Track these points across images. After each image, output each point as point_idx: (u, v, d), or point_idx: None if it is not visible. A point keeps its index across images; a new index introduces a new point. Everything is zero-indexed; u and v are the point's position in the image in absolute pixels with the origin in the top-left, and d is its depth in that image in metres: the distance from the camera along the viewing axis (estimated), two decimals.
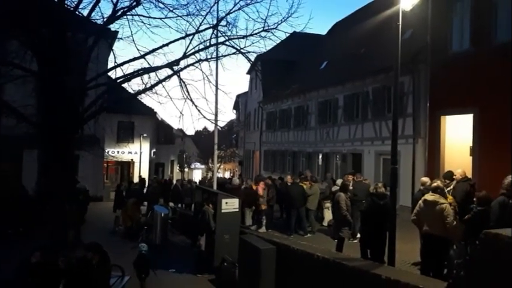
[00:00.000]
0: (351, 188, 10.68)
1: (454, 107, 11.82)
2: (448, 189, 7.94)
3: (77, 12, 8.61)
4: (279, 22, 8.94)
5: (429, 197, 6.56)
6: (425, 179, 8.44)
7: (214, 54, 9.99)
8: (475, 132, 11.14)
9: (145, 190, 18.80)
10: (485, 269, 3.44)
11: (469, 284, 3.60)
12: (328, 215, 12.88)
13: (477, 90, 10.90)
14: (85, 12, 8.78)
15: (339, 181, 12.20)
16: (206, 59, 9.37)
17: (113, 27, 9.92)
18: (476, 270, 3.56)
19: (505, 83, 10.03)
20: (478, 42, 11.17)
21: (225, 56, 9.82)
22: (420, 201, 6.74)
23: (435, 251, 6.41)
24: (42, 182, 8.49)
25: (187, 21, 10.22)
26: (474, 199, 6.58)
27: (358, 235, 9.40)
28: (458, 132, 12.04)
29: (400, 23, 7.05)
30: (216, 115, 11.79)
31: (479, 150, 10.90)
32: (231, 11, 9.24)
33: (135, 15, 8.91)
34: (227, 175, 46.55)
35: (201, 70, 9.16)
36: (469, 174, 9.87)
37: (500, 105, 10.20)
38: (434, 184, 7.03)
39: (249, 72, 32.82)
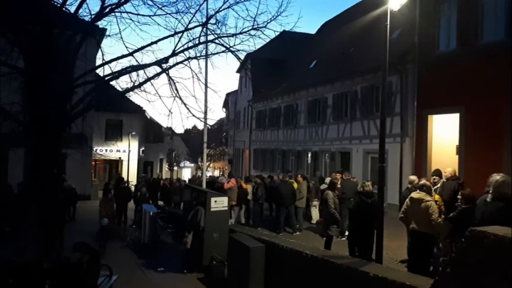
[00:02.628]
0: (339, 186, 10.76)
1: (441, 106, 11.98)
2: (436, 187, 8.05)
3: (63, 8, 8.49)
4: (269, 21, 8.92)
5: (415, 194, 6.65)
6: (413, 177, 8.53)
7: (203, 52, 9.92)
8: (461, 131, 11.30)
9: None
10: (471, 266, 3.50)
11: (455, 280, 3.66)
12: (315, 213, 12.99)
13: (463, 89, 11.06)
14: (72, 9, 8.67)
15: (328, 179, 12.30)
16: (195, 57, 9.31)
17: (101, 24, 9.79)
18: (461, 267, 3.62)
19: (490, 83, 10.21)
20: (465, 42, 11.33)
21: (214, 54, 9.77)
22: (407, 199, 6.82)
23: (422, 248, 6.50)
24: (28, 181, 8.35)
25: (176, 18, 10.19)
26: (459, 197, 6.66)
27: (347, 233, 9.49)
28: (445, 131, 12.20)
29: (388, 23, 7.10)
30: (205, 113, 11.72)
31: (465, 148, 11.07)
32: (221, 9, 9.19)
33: (124, 12, 8.80)
34: (217, 173, 46.49)
35: (190, 68, 9.10)
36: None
37: (486, 105, 10.38)
38: (421, 182, 7.13)
39: (238, 71, 32.78)
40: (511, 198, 4.91)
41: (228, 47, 9.12)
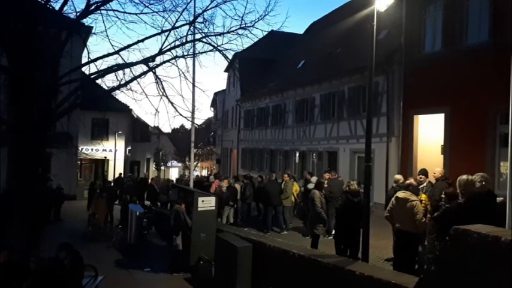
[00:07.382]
0: (325, 185, 10.81)
1: (426, 106, 12.12)
2: (421, 186, 8.12)
3: (48, 5, 8.36)
4: (256, 20, 8.94)
5: (400, 194, 6.71)
6: (399, 177, 8.61)
7: (190, 51, 9.87)
8: (446, 131, 11.45)
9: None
10: (455, 264, 3.55)
11: (439, 278, 3.70)
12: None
13: (448, 90, 11.21)
14: (57, 6, 8.55)
15: (313, 179, 12.37)
16: (182, 56, 9.26)
17: (87, 21, 9.68)
18: (446, 265, 3.67)
19: (475, 83, 10.37)
20: (450, 43, 11.49)
21: (201, 53, 9.74)
22: (392, 199, 6.88)
23: (407, 247, 6.56)
24: (12, 180, 8.20)
25: (163, 17, 10.13)
26: (442, 196, 6.74)
27: (333, 232, 9.54)
28: (430, 131, 12.36)
29: (375, 23, 7.16)
30: (192, 113, 11.67)
31: (450, 148, 11.22)
32: (208, 8, 9.17)
33: (110, 10, 8.72)
34: (204, 173, 46.34)
35: (177, 67, 9.06)
36: None
37: (471, 105, 10.54)
38: (407, 181, 7.19)
39: (226, 70, 32.71)
40: (481, 196, 4.98)
41: (216, 46, 9.11)
